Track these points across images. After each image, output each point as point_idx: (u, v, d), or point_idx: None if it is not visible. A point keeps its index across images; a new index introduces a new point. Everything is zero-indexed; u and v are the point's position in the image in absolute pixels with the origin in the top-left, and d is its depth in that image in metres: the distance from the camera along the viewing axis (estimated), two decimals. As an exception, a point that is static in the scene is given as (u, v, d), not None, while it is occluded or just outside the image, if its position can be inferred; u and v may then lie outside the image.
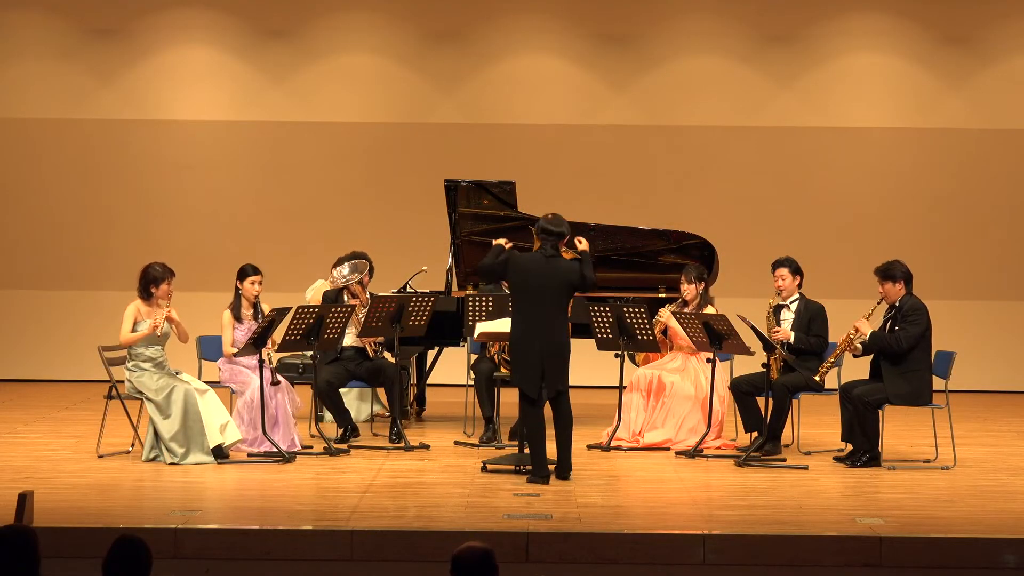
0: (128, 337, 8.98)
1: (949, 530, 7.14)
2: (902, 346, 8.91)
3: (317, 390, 9.68)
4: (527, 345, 8.29)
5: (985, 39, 13.73)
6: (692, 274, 9.95)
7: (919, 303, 9.02)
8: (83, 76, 13.77)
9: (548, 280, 8.26)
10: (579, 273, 8.30)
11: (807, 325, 9.42)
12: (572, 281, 8.29)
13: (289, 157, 13.79)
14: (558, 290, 8.27)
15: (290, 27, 13.78)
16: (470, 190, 10.83)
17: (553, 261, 8.29)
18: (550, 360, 8.25)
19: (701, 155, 13.76)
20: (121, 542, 4.70)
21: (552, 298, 8.27)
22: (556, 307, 8.29)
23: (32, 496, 6.88)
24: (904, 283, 9.10)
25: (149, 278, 9.05)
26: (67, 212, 13.78)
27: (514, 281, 8.39)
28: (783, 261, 9.61)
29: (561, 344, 8.31)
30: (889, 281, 9.12)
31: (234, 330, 9.45)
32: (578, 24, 13.74)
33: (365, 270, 9.94)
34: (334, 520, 7.21)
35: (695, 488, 8.43)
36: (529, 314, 8.28)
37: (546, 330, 8.26)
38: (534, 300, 8.27)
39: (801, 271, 9.59)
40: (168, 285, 9.05)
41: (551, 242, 8.31)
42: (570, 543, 6.92)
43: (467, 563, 4.62)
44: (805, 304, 9.51)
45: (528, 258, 8.38)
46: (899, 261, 9.20)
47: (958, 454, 9.20)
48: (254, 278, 9.53)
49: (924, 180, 13.78)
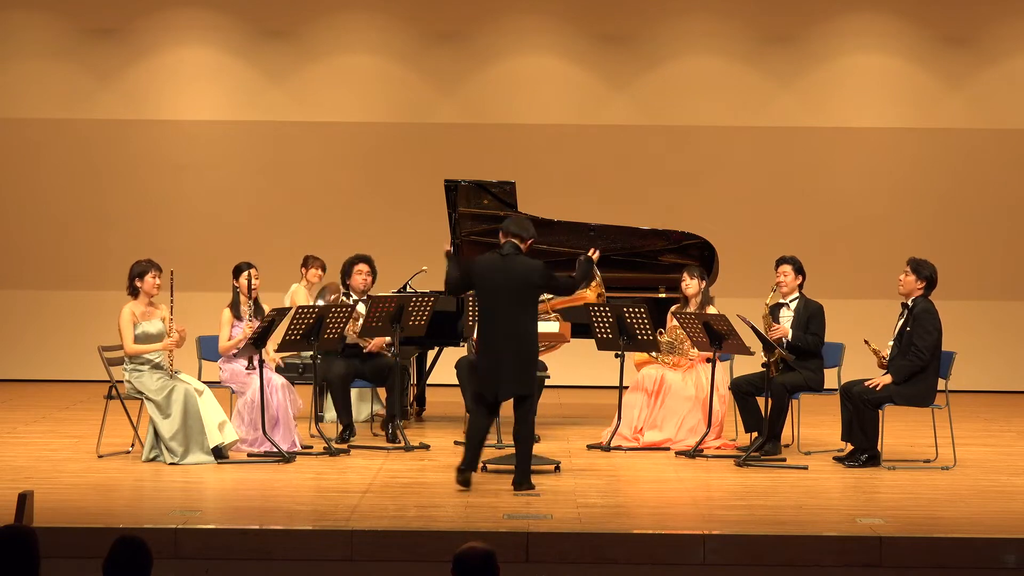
0: (133, 348, 8.97)
1: (949, 530, 7.13)
2: (924, 356, 8.89)
3: (329, 383, 9.72)
4: (486, 345, 8.13)
5: (985, 39, 13.74)
6: (695, 271, 9.96)
7: (931, 306, 9.00)
8: (83, 76, 13.77)
9: (505, 279, 8.05)
10: (541, 272, 8.10)
11: (805, 324, 9.42)
12: (533, 280, 8.07)
13: (289, 157, 13.79)
14: (517, 289, 8.04)
15: (290, 27, 13.78)
16: (470, 190, 10.83)
17: (510, 259, 8.09)
18: (509, 361, 8.03)
19: (701, 155, 13.76)
20: (121, 542, 4.70)
21: (510, 297, 8.04)
22: (516, 306, 8.05)
23: (32, 496, 6.87)
24: (926, 284, 9.07)
25: (133, 273, 9.08)
26: (67, 212, 13.78)
27: (476, 284, 8.23)
28: (787, 259, 9.60)
29: (523, 344, 8.06)
30: (915, 275, 9.08)
31: (232, 328, 9.46)
32: (578, 24, 13.74)
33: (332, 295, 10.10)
34: (334, 520, 7.21)
35: (695, 488, 8.43)
36: (489, 314, 8.12)
37: (506, 330, 8.04)
38: (492, 300, 8.09)
39: (804, 271, 9.59)
40: (154, 278, 9.04)
41: (512, 242, 8.15)
42: (570, 543, 6.92)
43: (469, 564, 4.61)
44: (804, 303, 9.50)
45: (486, 259, 8.21)
46: (929, 262, 9.15)
47: (958, 454, 9.20)
48: (247, 272, 9.53)
49: (924, 180, 13.78)
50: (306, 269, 11.34)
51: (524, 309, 8.09)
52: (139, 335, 8.97)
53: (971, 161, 13.77)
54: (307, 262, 11.38)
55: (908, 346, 8.93)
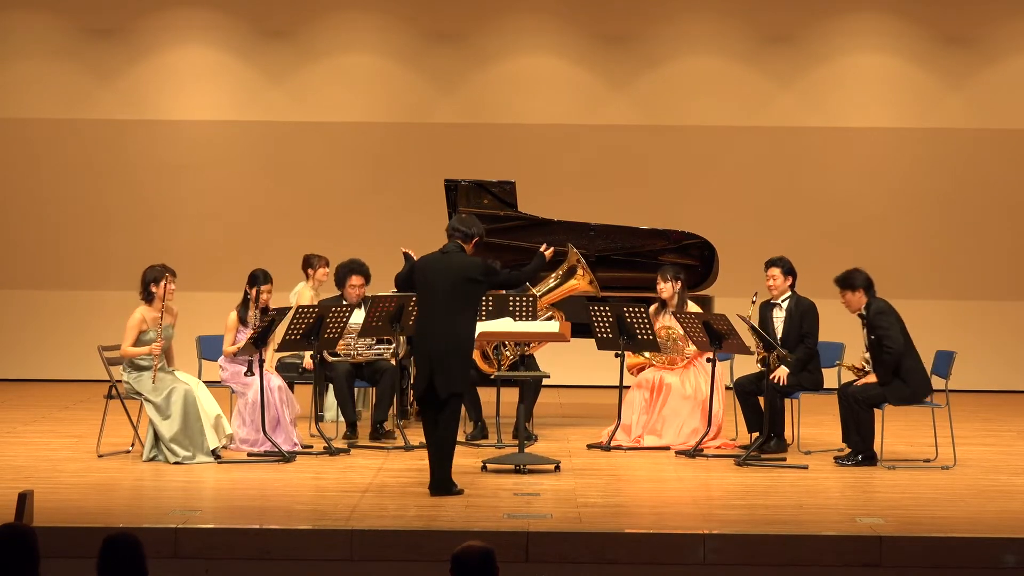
0: (128, 351, 8.98)
1: (949, 530, 7.13)
2: (893, 348, 8.90)
3: (335, 381, 9.73)
4: (419, 344, 8.08)
5: (985, 39, 13.73)
6: (668, 273, 9.87)
7: (882, 304, 9.00)
8: (83, 76, 13.77)
9: (441, 276, 7.97)
10: (480, 268, 8.00)
11: (799, 323, 9.41)
12: (469, 276, 7.93)
13: (289, 157, 13.78)
14: (452, 286, 7.92)
15: (290, 27, 13.78)
16: (470, 190, 10.83)
17: (448, 257, 8.03)
18: (440, 358, 7.90)
19: (701, 155, 13.76)
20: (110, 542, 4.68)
21: (445, 294, 7.93)
22: (450, 303, 7.91)
23: (32, 496, 6.87)
24: (864, 291, 9.07)
25: (148, 278, 9.06)
26: (67, 212, 13.78)
27: (416, 282, 8.20)
28: (775, 261, 9.60)
29: (453, 341, 7.90)
30: (849, 290, 9.10)
31: (237, 333, 9.44)
32: (578, 24, 13.74)
33: None
34: (334, 520, 7.21)
35: (695, 488, 8.43)
36: (423, 312, 8.08)
37: (438, 328, 7.93)
38: (428, 298, 8.03)
39: (794, 272, 9.58)
40: (168, 283, 9.03)
41: (455, 240, 8.08)
42: (570, 543, 6.92)
43: (467, 562, 4.61)
44: (796, 301, 9.50)
45: (428, 258, 8.16)
46: (858, 269, 9.16)
47: (958, 454, 9.20)
48: (265, 287, 9.50)
49: (924, 180, 13.78)
50: (313, 270, 11.12)
51: (459, 308, 7.95)
52: (148, 341, 8.96)
53: (971, 161, 13.76)
54: (312, 262, 11.09)
55: (879, 350, 8.97)
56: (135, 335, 8.96)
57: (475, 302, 8.09)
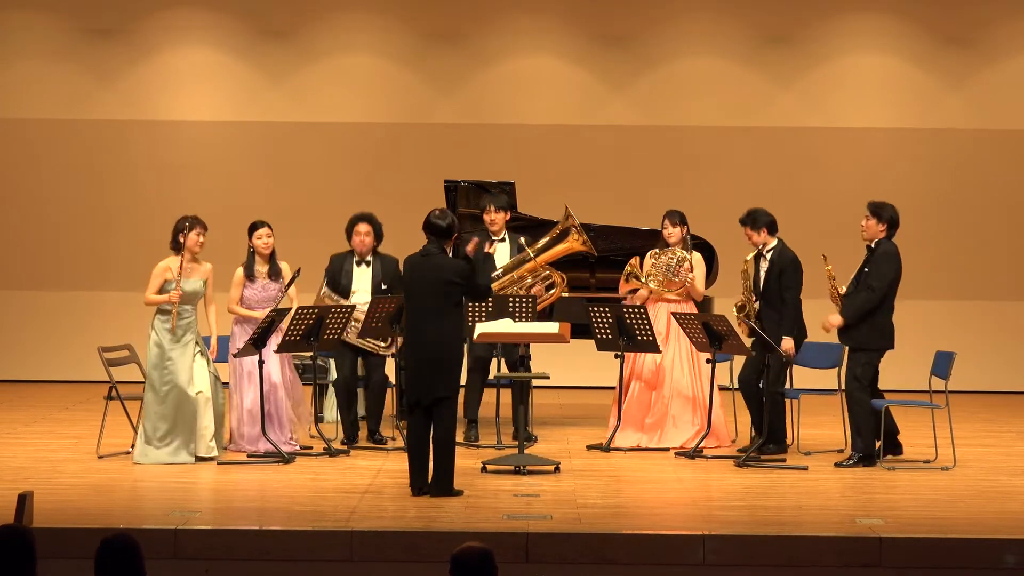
0: (150, 298, 8.98)
1: (949, 530, 7.13)
2: (876, 293, 8.93)
3: (339, 383, 9.75)
4: (408, 348, 8.05)
5: (985, 39, 13.73)
6: (676, 217, 9.93)
7: (893, 248, 9.08)
8: (83, 76, 13.77)
9: (422, 279, 7.94)
10: (458, 270, 7.94)
11: (778, 274, 9.41)
12: (450, 279, 7.88)
13: (289, 157, 13.78)
14: (433, 289, 7.87)
15: (290, 27, 13.78)
16: (470, 190, 10.83)
17: (428, 259, 7.97)
18: (424, 362, 7.88)
19: (701, 155, 13.75)
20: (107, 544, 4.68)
21: (426, 297, 7.90)
22: (433, 306, 7.87)
23: (32, 496, 6.88)
24: (888, 226, 9.23)
25: (177, 228, 9.10)
26: (67, 212, 13.78)
27: (403, 286, 8.22)
28: (742, 220, 9.63)
29: (437, 345, 7.85)
30: (875, 218, 9.17)
31: (244, 288, 9.45)
32: (578, 24, 13.74)
33: None
34: (334, 520, 7.21)
35: (695, 488, 8.43)
36: (410, 316, 8.03)
37: (422, 331, 7.90)
38: (412, 302, 8.01)
39: (765, 221, 9.52)
40: (198, 235, 9.05)
41: (434, 240, 8.03)
42: (570, 543, 6.92)
43: (466, 563, 4.61)
44: (780, 252, 9.51)
45: (412, 259, 8.13)
46: (891, 206, 9.34)
47: (958, 454, 9.20)
48: (261, 231, 9.54)
49: (924, 180, 13.77)
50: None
51: (440, 310, 7.89)
52: (171, 290, 8.93)
53: (971, 161, 13.76)
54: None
55: (864, 285, 8.96)
56: (159, 284, 8.99)
57: (457, 305, 8.01)
